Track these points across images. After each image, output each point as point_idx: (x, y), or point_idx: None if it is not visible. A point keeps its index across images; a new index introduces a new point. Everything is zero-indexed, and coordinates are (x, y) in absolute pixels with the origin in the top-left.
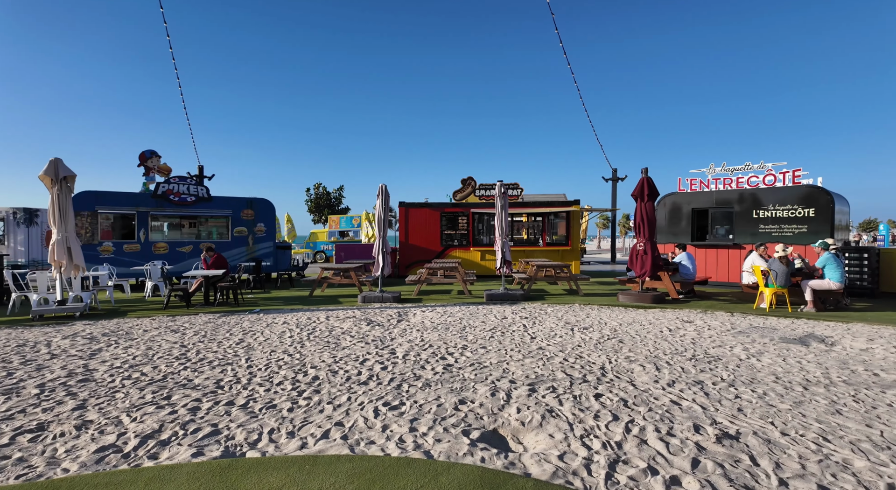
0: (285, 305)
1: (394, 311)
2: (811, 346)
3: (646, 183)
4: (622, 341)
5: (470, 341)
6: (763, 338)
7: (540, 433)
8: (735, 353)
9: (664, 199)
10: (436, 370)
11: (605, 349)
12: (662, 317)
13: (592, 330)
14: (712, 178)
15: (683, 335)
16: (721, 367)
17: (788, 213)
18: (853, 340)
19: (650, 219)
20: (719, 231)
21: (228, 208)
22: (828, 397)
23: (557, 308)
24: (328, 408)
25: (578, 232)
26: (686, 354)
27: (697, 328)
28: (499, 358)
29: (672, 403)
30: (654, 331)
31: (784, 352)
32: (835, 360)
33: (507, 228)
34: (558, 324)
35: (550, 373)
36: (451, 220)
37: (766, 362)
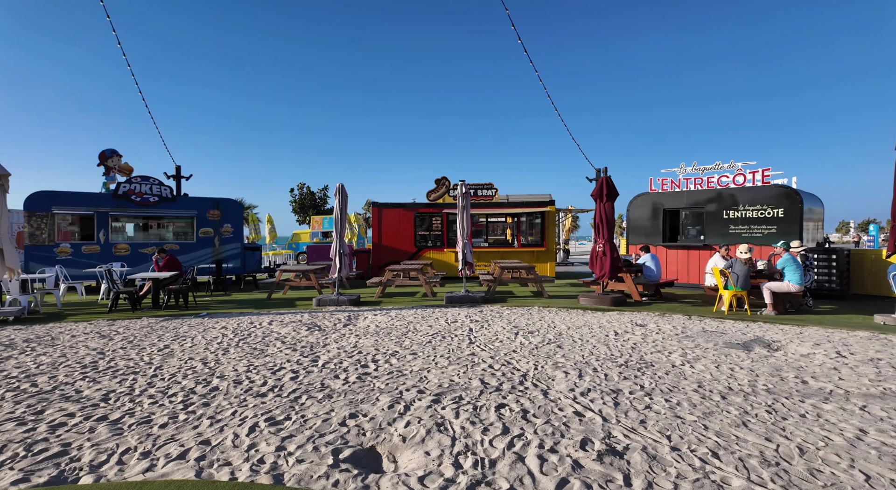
0: (237, 309)
1: (345, 314)
2: (753, 351)
3: (604, 183)
4: (560, 346)
5: (404, 347)
6: (708, 343)
7: (418, 450)
8: (671, 360)
9: (636, 199)
10: (349, 380)
11: (539, 355)
12: (616, 320)
13: (537, 334)
14: (683, 178)
15: (627, 340)
16: (648, 375)
17: (758, 214)
18: (799, 345)
19: (609, 219)
20: (691, 232)
21: (194, 209)
22: (742, 407)
23: (514, 311)
24: (206, 423)
25: (554, 232)
26: (619, 360)
27: (646, 332)
28: (423, 365)
29: (575, 414)
30: (599, 335)
31: (721, 358)
32: (769, 367)
33: (469, 229)
34: (506, 327)
35: (467, 381)
36: (424, 220)
37: (697, 369)
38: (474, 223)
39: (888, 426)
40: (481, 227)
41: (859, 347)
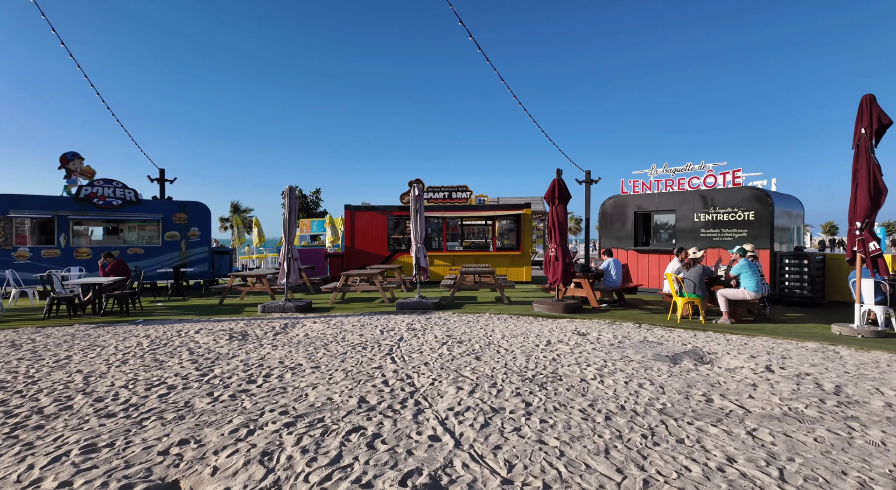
0: (181, 315)
1: (284, 322)
2: (679, 364)
3: (557, 185)
4: (479, 357)
5: (312, 360)
6: (637, 354)
7: (222, 485)
8: (584, 374)
9: (608, 201)
10: (220, 398)
11: (448, 367)
12: (560, 328)
13: (465, 344)
14: (654, 180)
15: (555, 350)
16: (548, 391)
17: (729, 217)
18: (733, 358)
19: (561, 223)
20: (663, 235)
21: (159, 212)
22: (619, 430)
23: (462, 318)
24: (14, 450)
25: (530, 236)
26: (528, 374)
27: (581, 342)
28: (314, 381)
29: (429, 439)
30: (529, 345)
31: (639, 372)
32: (683, 383)
33: (423, 233)
34: (438, 337)
35: (345, 400)
36: (398, 223)
37: (605, 384)
38: (450, 226)
39: (762, 454)
40: (456, 230)
41: (796, 361)
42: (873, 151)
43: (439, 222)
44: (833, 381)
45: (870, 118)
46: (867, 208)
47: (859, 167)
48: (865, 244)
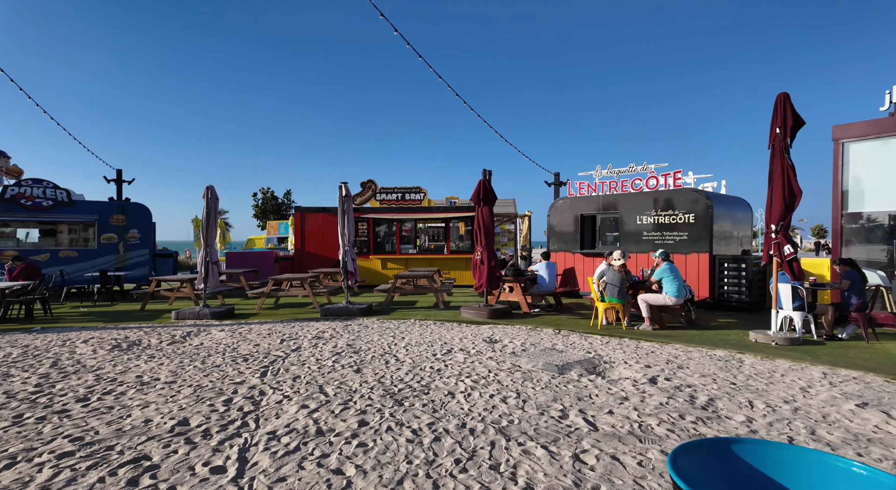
0: (92, 322)
1: (189, 330)
2: (566, 374)
3: (482, 186)
4: (360, 370)
5: (175, 374)
6: (530, 363)
7: None
8: (457, 386)
9: (556, 203)
10: (25, 421)
11: (315, 383)
12: (473, 335)
13: (360, 354)
14: (599, 182)
15: (448, 359)
16: (404, 407)
17: (670, 219)
18: (626, 368)
19: (487, 226)
20: (608, 238)
21: (94, 213)
22: (438, 453)
23: (382, 325)
24: None
25: None
26: (396, 388)
27: (485, 350)
28: (152, 400)
29: (210, 472)
30: (426, 354)
31: (516, 384)
32: (552, 396)
33: (352, 235)
34: (338, 347)
35: (161, 424)
36: None
37: (470, 398)
38: (403, 228)
39: (569, 481)
40: (410, 232)
41: (691, 371)
42: (788, 152)
43: (392, 225)
44: (711, 393)
45: (783, 117)
46: (782, 211)
47: (774, 168)
48: (780, 248)
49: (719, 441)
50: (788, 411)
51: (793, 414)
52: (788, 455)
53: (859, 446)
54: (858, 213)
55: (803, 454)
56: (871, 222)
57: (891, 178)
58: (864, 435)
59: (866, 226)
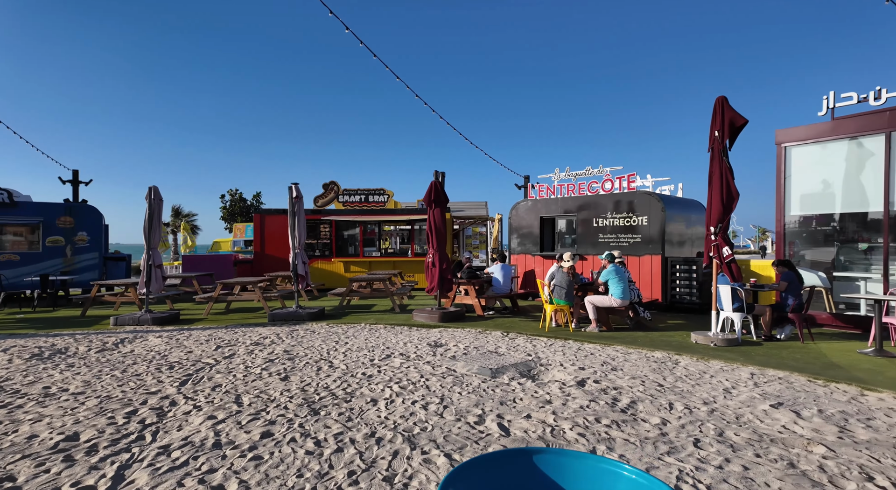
0: (23, 329)
1: (125, 336)
2: (498, 378)
3: (433, 188)
4: (286, 378)
5: (89, 384)
6: (466, 367)
7: None
8: (383, 393)
9: (517, 206)
10: None
11: (234, 392)
12: (419, 339)
13: (294, 361)
14: (557, 184)
15: (384, 365)
16: (319, 416)
17: (624, 222)
18: (561, 371)
19: (439, 227)
20: (567, 240)
21: (38, 215)
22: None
23: (330, 330)
24: None
25: (451, 240)
26: (318, 397)
27: (426, 354)
28: (50, 412)
29: None
30: (363, 360)
31: (444, 389)
32: (475, 401)
33: (304, 238)
34: (274, 353)
35: (44, 440)
36: (311, 228)
37: (392, 405)
38: (367, 231)
39: None
40: (374, 235)
41: (624, 372)
42: (726, 154)
43: (356, 227)
44: (636, 395)
45: (722, 120)
46: (720, 213)
47: (713, 171)
48: (719, 249)
49: (498, 455)
50: (705, 413)
51: (708, 415)
52: (569, 462)
53: (760, 447)
54: (801, 216)
55: (585, 461)
56: (813, 225)
57: (830, 182)
58: (769, 435)
59: (809, 228)
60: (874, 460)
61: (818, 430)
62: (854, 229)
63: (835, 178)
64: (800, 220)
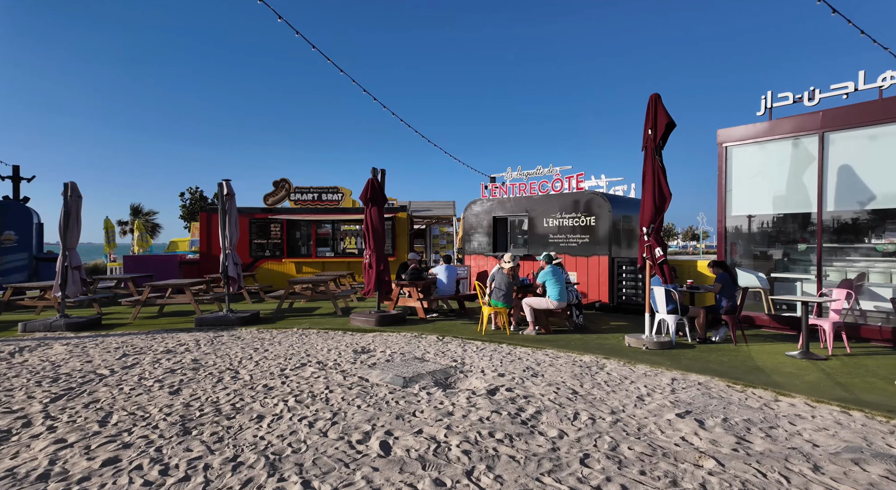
0: None
1: (26, 344)
2: (410, 387)
3: (370, 185)
4: (178, 391)
5: None
6: (380, 376)
7: None
8: (274, 409)
9: (470, 206)
10: None
11: (112, 406)
12: (346, 345)
13: (201, 370)
14: (510, 184)
15: (293, 375)
16: (182, 437)
17: (573, 222)
18: (479, 379)
19: (376, 227)
20: (520, 240)
21: None
22: None
23: (256, 336)
24: None
25: (406, 241)
26: (192, 414)
27: (344, 362)
28: None
29: None
30: (274, 371)
31: (345, 401)
32: (372, 414)
33: (235, 238)
34: (180, 362)
35: None
36: (262, 227)
37: (276, 424)
38: (320, 231)
39: None
40: (328, 234)
41: (542, 380)
42: (658, 153)
43: (308, 226)
44: (544, 405)
45: (654, 119)
46: (652, 213)
47: (646, 170)
48: (652, 250)
49: None
50: (608, 424)
51: (610, 427)
52: None
53: (650, 463)
54: (742, 216)
55: None
56: (754, 225)
57: (769, 182)
58: (664, 448)
59: (750, 229)
60: (759, 475)
61: (716, 442)
62: (793, 230)
63: (774, 179)
64: (741, 221)
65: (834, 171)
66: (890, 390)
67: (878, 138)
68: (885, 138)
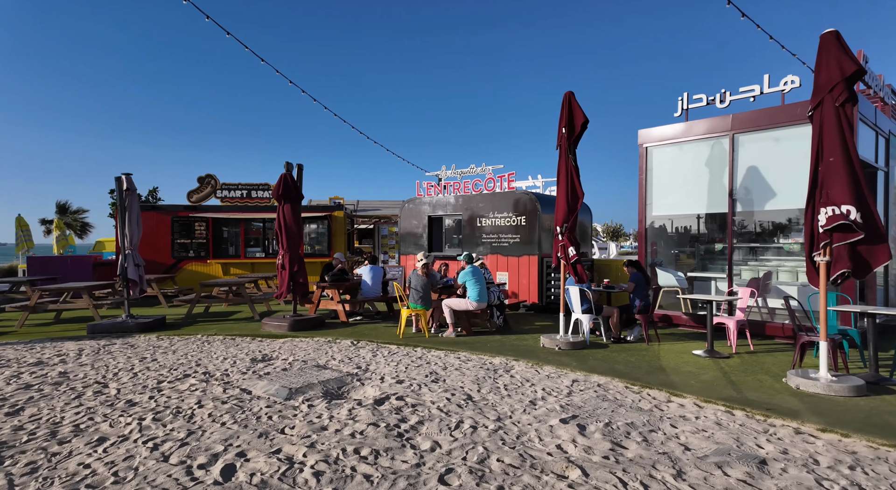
0: None
1: None
2: (294, 400)
3: (283, 181)
4: (19, 412)
5: None
6: (266, 388)
7: None
8: (117, 428)
9: (405, 205)
10: None
11: None
12: (248, 352)
13: (64, 384)
14: (445, 182)
15: (168, 389)
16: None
17: (505, 222)
18: (373, 387)
19: (288, 226)
20: (454, 241)
21: None
22: None
23: (148, 344)
24: None
25: (343, 241)
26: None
27: (236, 371)
28: None
29: None
30: (149, 382)
31: (206, 419)
32: (226, 435)
33: (136, 237)
34: (46, 377)
35: None
36: (185, 226)
37: (114, 450)
38: (250, 230)
39: None
40: (258, 234)
41: (442, 385)
42: (572, 152)
43: (237, 225)
44: (431, 414)
45: (568, 117)
46: (565, 212)
47: (560, 169)
48: (566, 250)
49: None
50: (488, 432)
51: (489, 436)
52: None
53: (513, 476)
54: (662, 216)
55: None
56: (674, 225)
57: (687, 183)
58: (535, 458)
59: (670, 228)
60: (620, 485)
61: (590, 449)
62: (713, 230)
63: (691, 180)
64: (662, 221)
65: (743, 172)
66: (777, 387)
67: (781, 140)
68: (788, 140)
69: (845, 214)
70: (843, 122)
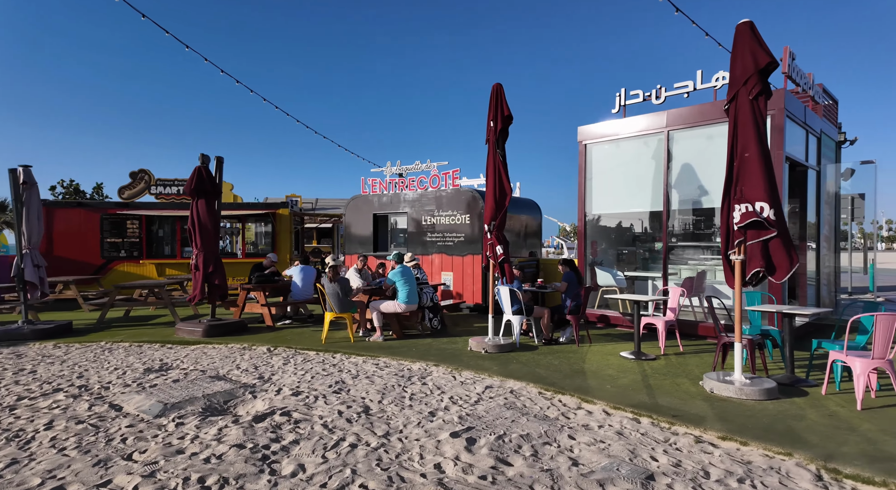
0: None
1: None
2: (167, 416)
3: (197, 174)
4: None
5: None
6: (140, 402)
7: None
8: None
9: (350, 202)
10: None
11: None
12: (145, 361)
13: None
14: (390, 179)
15: (31, 404)
16: None
17: (449, 220)
18: (265, 400)
19: (203, 223)
20: (400, 240)
21: None
22: None
23: (36, 354)
24: None
25: (288, 240)
26: None
27: (119, 384)
28: None
29: None
30: (8, 399)
31: (43, 444)
32: (47, 466)
33: (37, 235)
34: None
35: None
36: (116, 224)
37: None
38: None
39: None
40: None
41: (342, 396)
42: (500, 146)
43: (172, 223)
44: (315, 432)
45: (496, 110)
46: (493, 210)
47: (489, 164)
48: (493, 249)
49: None
50: (367, 451)
51: (366, 455)
52: None
53: None
54: (602, 215)
55: None
56: (613, 223)
57: (625, 180)
58: (404, 482)
59: (609, 227)
60: None
61: (471, 466)
62: (653, 228)
63: (629, 177)
64: (602, 219)
65: (678, 169)
66: (692, 391)
67: (714, 138)
68: (720, 138)
69: (759, 211)
70: (758, 115)
